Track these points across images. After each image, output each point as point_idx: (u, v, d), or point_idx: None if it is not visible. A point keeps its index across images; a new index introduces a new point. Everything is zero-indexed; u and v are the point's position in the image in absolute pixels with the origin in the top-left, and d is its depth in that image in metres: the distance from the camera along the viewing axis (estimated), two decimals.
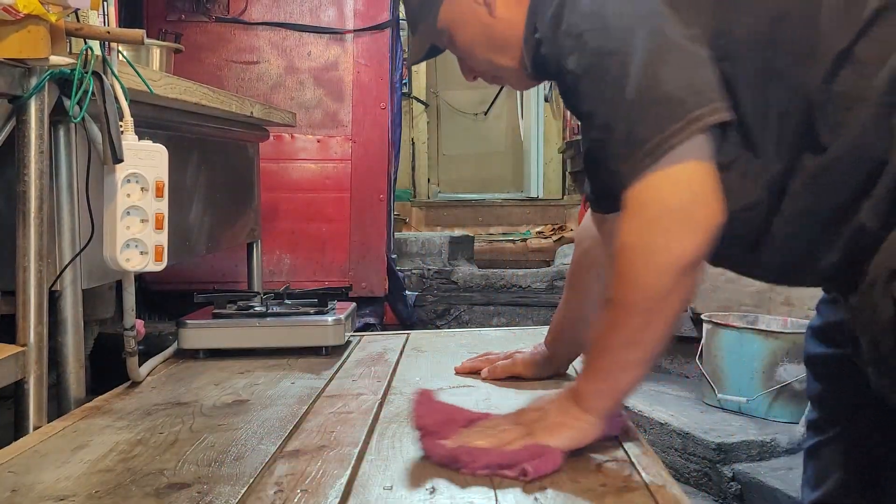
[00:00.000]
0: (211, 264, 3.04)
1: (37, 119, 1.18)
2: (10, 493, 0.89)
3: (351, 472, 0.94)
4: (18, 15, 1.06)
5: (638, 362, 0.94)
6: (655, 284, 0.88)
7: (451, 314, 3.65)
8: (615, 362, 0.95)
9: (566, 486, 0.89)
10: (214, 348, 1.58)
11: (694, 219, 0.86)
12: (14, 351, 1.17)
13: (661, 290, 0.89)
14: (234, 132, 2.20)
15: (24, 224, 1.19)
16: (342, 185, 3.19)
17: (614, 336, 0.93)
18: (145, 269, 1.24)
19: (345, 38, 3.19)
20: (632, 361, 0.94)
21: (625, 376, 0.95)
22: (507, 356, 1.39)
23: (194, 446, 1.04)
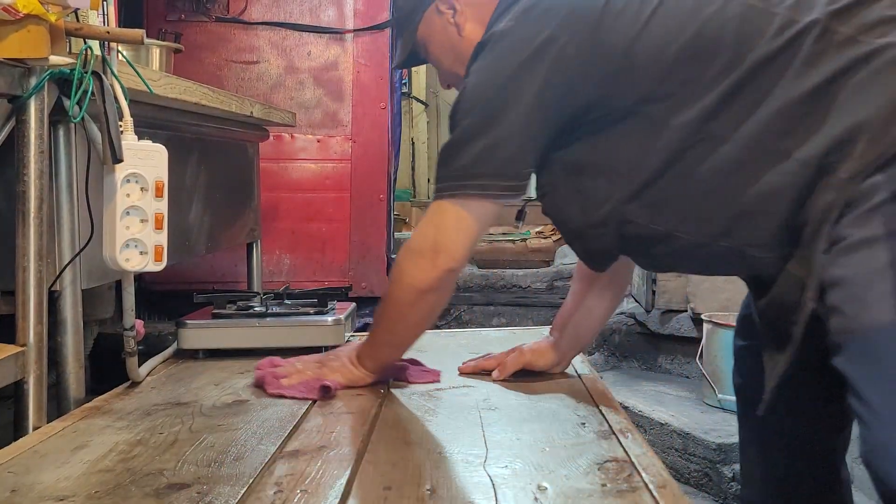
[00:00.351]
0: (211, 264, 3.04)
1: (36, 119, 1.18)
2: (9, 493, 0.89)
3: (351, 472, 0.94)
4: (18, 15, 1.06)
5: (392, 344, 1.30)
6: (401, 297, 1.22)
7: (451, 314, 3.65)
8: (378, 339, 1.30)
9: (566, 486, 0.89)
10: (214, 348, 1.58)
11: (435, 261, 1.16)
12: (14, 351, 1.16)
13: (405, 301, 1.22)
14: (233, 132, 2.20)
15: (23, 224, 1.19)
16: (342, 184, 3.19)
17: (380, 321, 1.28)
18: (145, 269, 1.24)
19: (345, 37, 3.18)
20: (388, 342, 1.30)
21: (384, 350, 1.31)
22: (513, 350, 1.43)
23: (194, 446, 1.04)
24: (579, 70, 1.09)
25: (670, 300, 2.96)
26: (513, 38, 1.12)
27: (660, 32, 1.06)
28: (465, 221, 1.15)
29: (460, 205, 1.15)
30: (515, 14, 1.14)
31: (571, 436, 1.07)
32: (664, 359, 3.08)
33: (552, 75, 1.09)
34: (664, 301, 2.98)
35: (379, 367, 1.33)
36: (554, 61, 1.09)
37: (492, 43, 1.15)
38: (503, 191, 1.13)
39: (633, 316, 3.18)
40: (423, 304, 1.21)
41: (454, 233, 1.16)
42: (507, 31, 1.13)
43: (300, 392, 1.27)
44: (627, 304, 3.41)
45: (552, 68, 1.09)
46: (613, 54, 1.07)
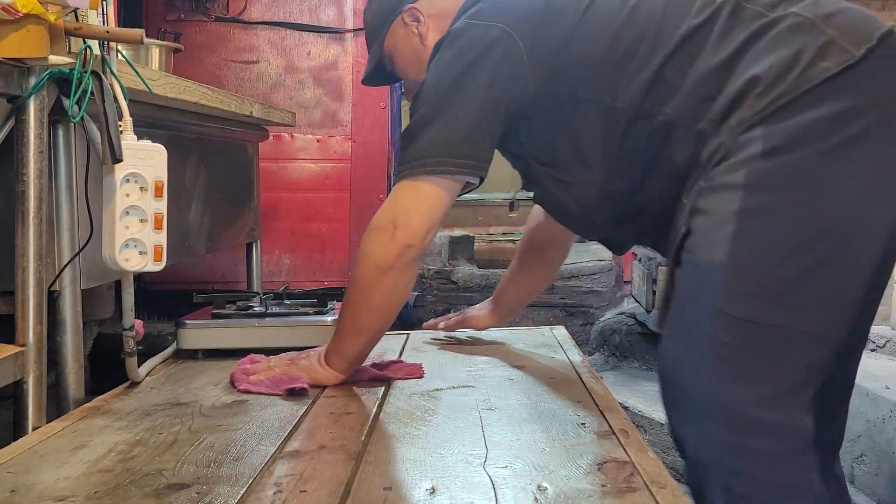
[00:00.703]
0: (210, 264, 3.04)
1: (36, 119, 1.18)
2: (9, 493, 0.89)
3: (351, 472, 0.94)
4: (17, 14, 1.06)
5: (357, 332, 1.29)
6: (363, 278, 1.25)
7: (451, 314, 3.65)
8: (344, 329, 1.30)
9: (566, 487, 0.89)
10: (214, 348, 1.57)
11: (394, 236, 1.21)
12: (13, 351, 1.16)
13: (367, 282, 1.25)
14: (233, 132, 2.20)
15: (23, 224, 1.19)
16: (342, 184, 3.18)
17: (344, 308, 1.30)
18: (144, 269, 1.23)
19: (344, 37, 3.18)
20: (353, 330, 1.29)
21: (349, 341, 1.30)
22: (459, 314, 1.74)
23: (194, 447, 1.04)
24: (525, 63, 1.20)
25: None
26: (466, 35, 1.22)
27: (594, 23, 1.18)
28: (423, 199, 1.22)
29: (418, 184, 1.22)
30: (469, 14, 1.25)
31: (571, 436, 1.07)
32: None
33: (500, 68, 1.20)
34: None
35: (346, 364, 1.33)
36: (502, 56, 1.20)
37: (448, 40, 1.25)
38: (458, 169, 1.21)
39: (633, 316, 3.18)
40: (384, 284, 1.24)
41: (413, 210, 1.22)
42: (461, 29, 1.24)
43: (266, 388, 1.29)
44: (628, 304, 3.41)
45: (500, 62, 1.20)
46: (554, 47, 1.19)
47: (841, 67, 1.01)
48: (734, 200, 1.03)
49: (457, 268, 3.80)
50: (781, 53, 1.05)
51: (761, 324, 1.02)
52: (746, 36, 1.09)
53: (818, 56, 1.03)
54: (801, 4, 1.09)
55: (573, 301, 3.64)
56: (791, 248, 1.02)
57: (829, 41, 1.03)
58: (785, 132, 1.02)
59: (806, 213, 1.02)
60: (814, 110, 1.01)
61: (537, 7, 1.22)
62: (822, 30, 1.05)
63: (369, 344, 1.32)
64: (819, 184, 1.02)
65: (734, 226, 1.03)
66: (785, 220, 1.03)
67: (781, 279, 1.03)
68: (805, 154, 1.01)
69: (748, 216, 1.03)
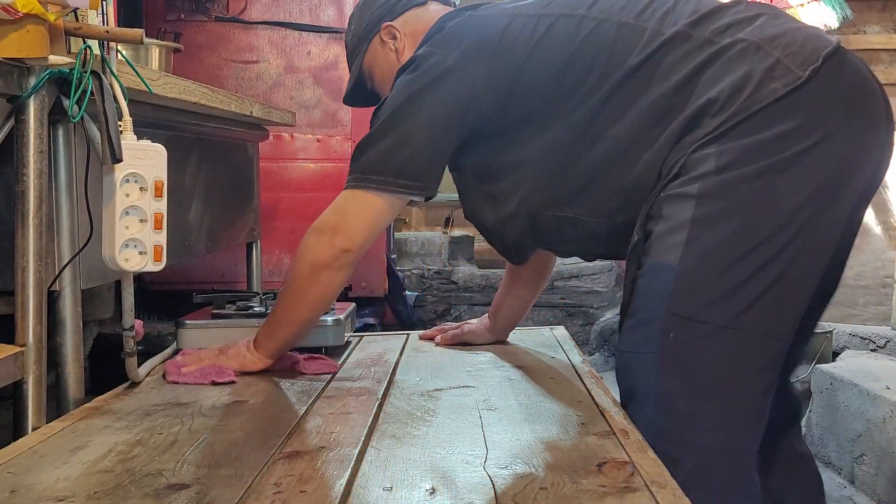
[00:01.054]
0: (210, 264, 3.03)
1: (36, 119, 1.18)
2: (9, 493, 0.89)
3: (351, 472, 0.94)
4: (17, 14, 1.06)
5: (290, 322, 1.36)
6: (300, 273, 1.32)
7: (451, 314, 3.65)
8: (277, 318, 1.37)
9: (566, 487, 0.89)
10: None
11: (333, 240, 1.29)
12: (13, 351, 1.16)
13: (303, 277, 1.31)
14: (233, 132, 2.20)
15: (22, 224, 1.19)
16: (342, 184, 3.16)
17: (280, 299, 1.37)
18: (144, 270, 1.23)
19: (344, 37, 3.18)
20: (286, 320, 1.36)
21: (282, 329, 1.36)
22: (457, 327, 1.70)
23: (194, 447, 1.03)
24: (479, 88, 1.27)
25: None
26: (428, 60, 1.29)
27: (546, 52, 1.25)
28: (365, 211, 1.31)
29: (365, 195, 1.30)
30: (434, 41, 1.32)
31: (571, 436, 1.07)
32: None
33: (455, 92, 1.27)
34: None
35: (274, 351, 1.39)
36: (457, 81, 1.27)
37: (412, 64, 1.31)
38: (401, 188, 1.28)
39: None
40: (319, 281, 1.31)
41: (354, 218, 1.31)
42: (424, 54, 1.30)
43: (193, 378, 1.34)
44: None
45: (455, 87, 1.27)
46: (509, 72, 1.26)
47: (788, 89, 1.10)
48: (688, 209, 1.12)
49: (457, 268, 3.80)
50: (732, 77, 1.13)
51: (705, 323, 1.10)
52: (697, 63, 1.16)
53: (766, 77, 1.12)
54: (748, 30, 1.17)
55: (573, 301, 3.64)
56: (737, 253, 1.11)
57: (775, 62, 1.12)
58: (737, 150, 1.11)
59: (753, 222, 1.11)
60: (764, 130, 1.11)
61: (495, 34, 1.28)
62: (769, 52, 1.13)
63: (300, 334, 1.40)
64: (765, 196, 1.11)
65: (686, 232, 1.12)
66: (733, 227, 1.11)
67: (727, 282, 1.11)
68: (754, 169, 1.11)
69: (699, 224, 1.12)
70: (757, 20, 1.19)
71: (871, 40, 2.86)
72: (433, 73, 1.27)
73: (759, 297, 1.10)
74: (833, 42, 1.15)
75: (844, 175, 1.13)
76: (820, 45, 1.14)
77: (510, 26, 1.28)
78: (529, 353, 1.61)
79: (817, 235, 1.12)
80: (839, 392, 2.05)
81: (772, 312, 1.12)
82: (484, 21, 1.32)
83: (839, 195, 1.13)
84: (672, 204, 1.15)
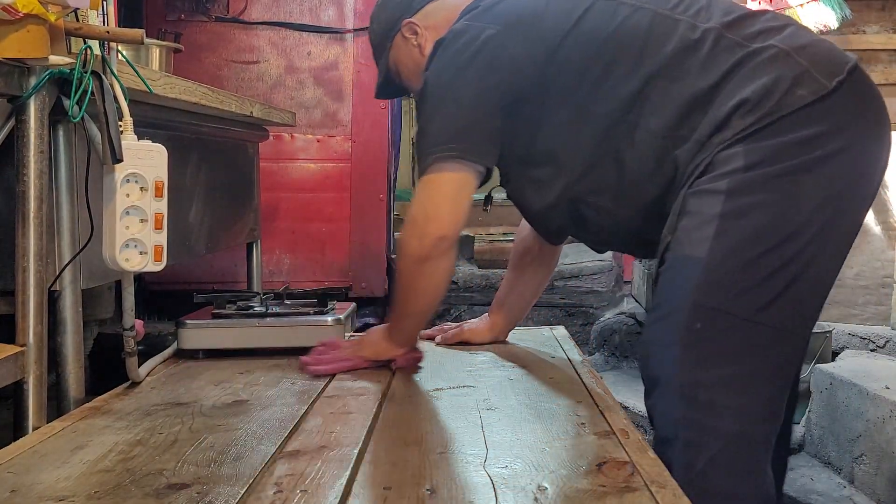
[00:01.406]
0: (211, 264, 3.04)
1: (36, 119, 1.18)
2: (9, 493, 0.89)
3: (351, 472, 0.94)
4: (18, 14, 1.06)
5: (410, 314, 1.42)
6: (404, 268, 1.36)
7: (451, 314, 3.65)
8: (399, 312, 1.43)
9: (566, 487, 0.89)
10: (214, 348, 1.57)
11: (425, 230, 1.31)
12: (13, 351, 1.16)
13: (407, 272, 1.36)
14: (233, 132, 2.20)
15: (23, 224, 1.19)
16: (342, 184, 3.18)
17: (396, 293, 1.42)
18: (145, 269, 1.24)
19: (345, 37, 3.18)
20: (406, 313, 1.42)
21: (405, 321, 1.43)
22: (457, 326, 1.71)
23: (194, 446, 1.04)
24: (517, 61, 1.29)
25: None
26: (464, 35, 1.32)
27: (585, 32, 1.27)
28: (444, 191, 1.31)
29: (436, 175, 1.31)
30: (468, 17, 1.35)
31: (571, 436, 1.08)
32: None
33: (493, 64, 1.29)
34: None
35: (404, 340, 1.46)
36: (494, 55, 1.29)
37: (447, 41, 1.34)
38: (462, 151, 1.30)
39: (633, 316, 3.18)
40: (424, 273, 1.35)
41: (436, 202, 1.32)
42: (461, 29, 1.34)
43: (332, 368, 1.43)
44: (627, 304, 3.42)
45: (493, 60, 1.29)
46: (545, 52, 1.28)
47: (815, 97, 1.16)
48: (717, 204, 1.16)
49: (457, 268, 3.80)
50: (763, 81, 1.17)
51: (731, 314, 1.14)
52: (730, 65, 1.20)
53: (795, 84, 1.17)
54: (778, 38, 1.22)
55: (573, 301, 3.64)
56: (764, 247, 1.14)
57: (804, 71, 1.18)
58: (764, 150, 1.15)
59: (779, 218, 1.15)
60: (790, 132, 1.15)
61: (531, 13, 1.31)
62: (798, 60, 1.18)
63: (421, 322, 1.45)
64: (791, 193, 1.15)
65: (715, 225, 1.15)
66: (760, 221, 1.15)
67: (753, 276, 1.14)
68: (781, 168, 1.15)
69: (727, 218, 1.15)
70: (785, 30, 1.24)
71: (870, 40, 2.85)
72: (472, 46, 1.30)
73: (782, 292, 1.14)
74: (852, 58, 1.22)
75: (861, 180, 1.19)
76: (843, 58, 1.21)
77: (551, 4, 1.31)
78: (529, 353, 1.61)
79: (837, 235, 1.18)
80: (839, 392, 2.05)
81: (794, 308, 1.16)
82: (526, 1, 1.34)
83: (856, 198, 1.19)
84: (700, 199, 1.18)
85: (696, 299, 1.15)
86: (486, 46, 1.30)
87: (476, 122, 1.31)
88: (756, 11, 1.28)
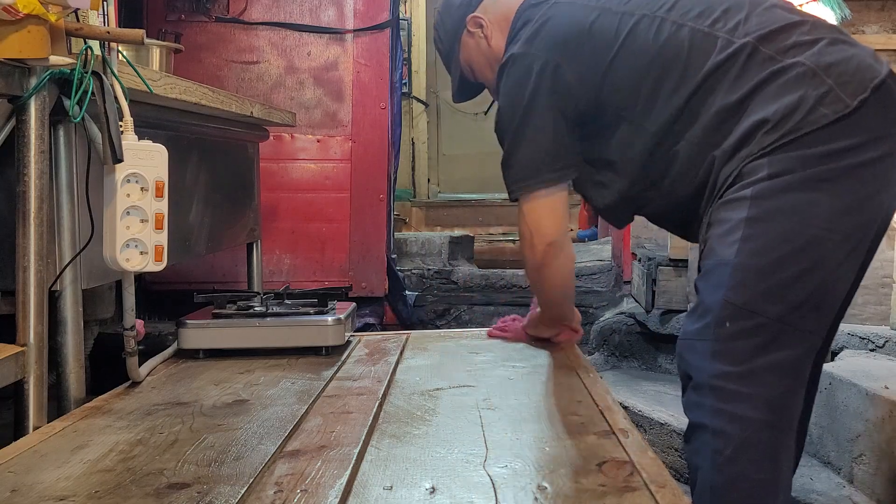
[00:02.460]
0: (211, 264, 3.04)
1: (37, 119, 1.18)
2: (10, 493, 0.89)
3: (351, 472, 0.94)
4: (18, 15, 1.06)
5: (550, 303, 1.63)
6: (530, 277, 1.59)
7: (451, 314, 3.65)
8: (540, 300, 1.65)
9: (566, 486, 0.89)
10: (214, 348, 1.58)
11: (532, 243, 1.50)
12: (14, 351, 1.17)
13: (533, 279, 1.59)
14: (233, 132, 2.20)
15: (24, 224, 1.19)
16: (342, 185, 3.19)
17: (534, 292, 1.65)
18: (145, 269, 1.24)
19: (345, 37, 3.19)
20: (546, 302, 1.64)
21: (548, 309, 1.65)
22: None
23: (194, 446, 1.04)
24: (574, 87, 1.40)
25: (670, 300, 2.96)
26: (521, 63, 1.43)
27: (631, 53, 1.36)
28: (540, 212, 1.48)
29: (533, 201, 1.47)
30: (524, 39, 1.44)
31: (571, 436, 1.08)
32: (664, 359, 3.08)
33: (554, 93, 1.40)
34: (664, 301, 2.98)
35: (555, 320, 1.67)
36: (554, 82, 1.40)
37: (508, 67, 1.45)
38: (552, 180, 1.45)
39: (633, 316, 3.18)
40: (545, 276, 1.55)
41: (537, 220, 1.49)
42: (517, 56, 1.44)
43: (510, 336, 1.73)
44: (627, 304, 3.41)
45: (553, 88, 1.40)
46: (597, 74, 1.38)
47: (837, 116, 1.21)
48: (743, 210, 1.23)
49: (457, 268, 3.80)
50: (785, 100, 1.23)
51: (757, 313, 1.20)
52: (758, 80, 1.27)
53: (818, 103, 1.22)
54: (807, 53, 1.26)
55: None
56: (787, 250, 1.21)
57: (828, 90, 1.22)
58: (788, 160, 1.22)
59: (802, 222, 1.21)
60: (812, 147, 1.21)
61: (580, 37, 1.40)
62: (823, 79, 1.23)
63: (562, 307, 1.64)
64: (812, 200, 1.21)
65: (742, 230, 1.23)
66: (784, 224, 1.21)
67: (779, 278, 1.21)
68: (804, 175, 1.21)
69: (753, 221, 1.22)
70: (817, 45, 1.28)
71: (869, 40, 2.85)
72: (533, 76, 1.41)
73: (806, 296, 1.21)
74: (882, 72, 1.25)
75: (881, 194, 1.25)
76: (869, 74, 1.24)
77: (595, 24, 1.39)
78: (529, 352, 1.62)
79: (860, 244, 1.25)
80: (838, 392, 2.05)
81: (815, 310, 1.23)
82: (570, 17, 1.42)
83: (876, 208, 1.25)
84: (728, 208, 1.26)
85: (727, 297, 1.22)
86: (543, 75, 1.40)
87: (558, 146, 1.44)
88: (793, 23, 1.31)
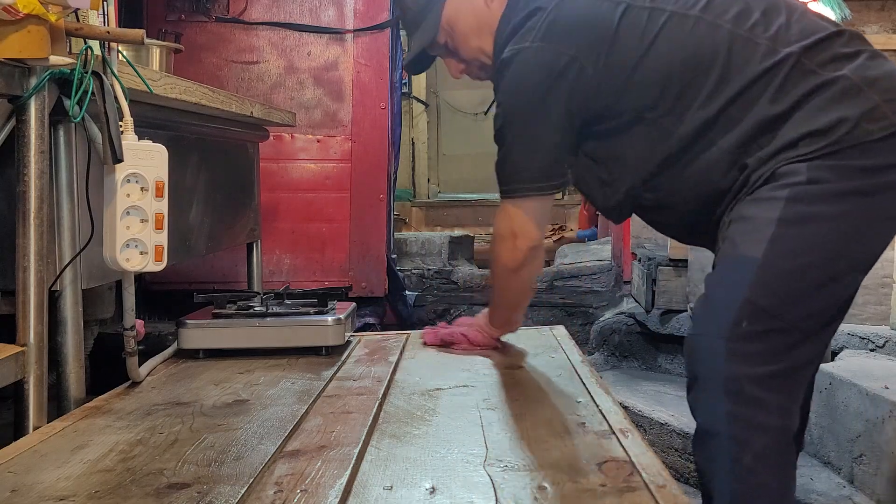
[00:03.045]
0: (211, 264, 3.04)
1: (37, 119, 1.18)
2: (9, 493, 0.89)
3: (351, 472, 0.94)
4: (18, 15, 1.06)
5: (507, 306, 1.60)
6: (499, 275, 1.52)
7: (451, 314, 3.65)
8: (495, 304, 1.61)
9: (566, 486, 0.89)
10: (214, 348, 1.58)
11: (516, 245, 1.45)
12: (14, 351, 1.17)
13: (503, 278, 1.52)
14: (234, 132, 2.20)
15: (24, 224, 1.19)
16: (342, 184, 3.19)
17: (492, 290, 1.58)
18: (145, 269, 1.24)
19: (345, 37, 3.19)
20: (502, 305, 1.60)
21: (502, 312, 1.62)
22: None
23: (194, 446, 1.04)
24: (594, 86, 1.31)
25: (670, 300, 2.96)
26: (538, 59, 1.32)
27: (662, 52, 1.28)
28: (530, 212, 1.44)
29: (521, 201, 1.43)
30: (540, 32, 1.33)
31: (571, 436, 1.08)
32: (664, 359, 3.08)
33: (572, 93, 1.31)
34: (664, 301, 2.98)
35: (501, 325, 1.64)
36: (574, 81, 1.31)
37: (517, 62, 1.34)
38: (542, 189, 1.41)
39: (633, 316, 3.18)
40: (519, 276, 1.50)
41: (522, 221, 1.44)
42: (532, 51, 1.33)
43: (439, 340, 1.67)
44: (627, 304, 3.42)
45: (572, 87, 1.31)
46: (622, 73, 1.29)
47: (883, 134, 1.18)
48: (776, 209, 1.19)
49: (457, 268, 3.80)
50: (832, 116, 1.19)
51: (776, 318, 1.17)
52: (802, 93, 1.22)
53: (863, 119, 1.19)
54: (850, 66, 1.22)
55: (573, 301, 3.64)
56: (815, 258, 1.19)
57: (874, 107, 1.19)
58: (828, 169, 1.19)
59: (834, 232, 1.19)
60: (854, 160, 1.19)
61: (606, 33, 1.30)
62: (869, 95, 1.20)
63: (518, 311, 1.62)
64: (847, 212, 1.19)
65: (773, 229, 1.19)
66: (816, 231, 1.19)
67: (803, 284, 1.19)
68: (841, 187, 1.19)
69: (786, 223, 1.18)
70: (859, 57, 1.24)
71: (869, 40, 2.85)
72: (550, 73, 1.31)
73: (824, 306, 1.21)
74: None
75: None
76: None
77: (623, 20, 1.29)
78: (529, 352, 1.62)
79: (873, 260, 1.25)
80: (838, 392, 2.05)
81: (830, 319, 1.23)
82: (593, 10, 1.31)
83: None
84: (758, 205, 1.21)
85: (748, 297, 1.18)
86: (562, 75, 1.31)
87: (562, 152, 1.38)
88: (832, 33, 1.26)
